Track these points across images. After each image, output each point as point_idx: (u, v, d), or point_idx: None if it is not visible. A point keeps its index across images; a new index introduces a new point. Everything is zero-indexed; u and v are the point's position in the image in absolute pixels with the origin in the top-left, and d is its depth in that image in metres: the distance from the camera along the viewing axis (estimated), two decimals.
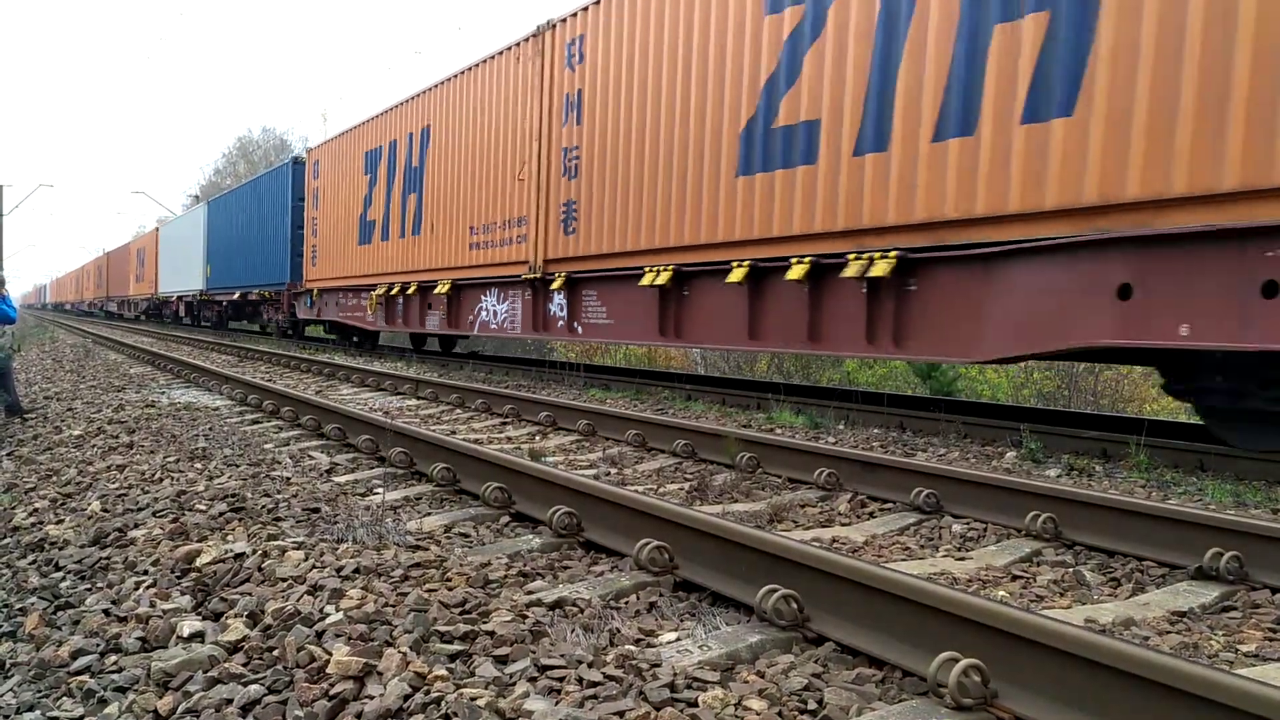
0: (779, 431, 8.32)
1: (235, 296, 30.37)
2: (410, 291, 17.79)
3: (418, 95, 18.00)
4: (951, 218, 7.86)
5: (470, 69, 15.91)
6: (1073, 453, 7.51)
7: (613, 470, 6.49)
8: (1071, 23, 7.01)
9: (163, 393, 11.38)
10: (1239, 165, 6.05)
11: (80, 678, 2.96)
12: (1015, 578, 4.07)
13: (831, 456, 6.01)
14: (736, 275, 9.95)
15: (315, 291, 23.42)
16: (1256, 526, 4.06)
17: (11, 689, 3.02)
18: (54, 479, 6.19)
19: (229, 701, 2.66)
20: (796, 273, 9.19)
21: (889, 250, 8.36)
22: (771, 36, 9.67)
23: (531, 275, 13.74)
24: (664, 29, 11.23)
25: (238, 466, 5.99)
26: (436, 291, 16.69)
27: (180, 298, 38.82)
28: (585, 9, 12.82)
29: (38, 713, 2.81)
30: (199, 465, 6.07)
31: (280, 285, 25.74)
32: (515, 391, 10.73)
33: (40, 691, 2.96)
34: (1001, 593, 3.81)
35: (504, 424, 9.03)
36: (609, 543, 4.17)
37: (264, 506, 4.75)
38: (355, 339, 23.84)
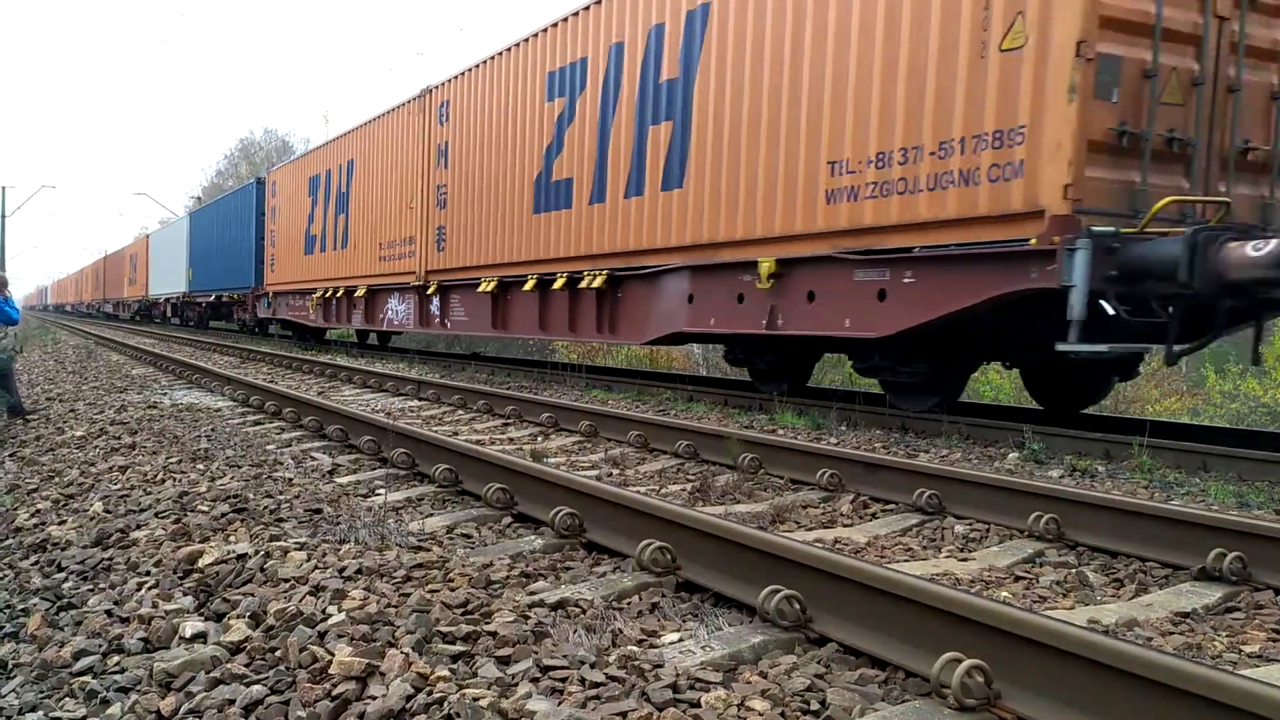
0: (781, 432, 8.32)
1: (212, 298, 34.34)
2: (339, 295, 22.12)
3: (348, 133, 22.43)
4: (634, 248, 11.86)
5: (382, 116, 20.28)
6: (1075, 454, 7.50)
7: (615, 471, 6.48)
8: (680, 128, 11.04)
9: (165, 394, 11.39)
10: (740, 225, 10.14)
11: (83, 678, 2.97)
12: (1018, 578, 4.07)
13: (834, 457, 6.00)
14: (529, 285, 14.17)
15: (271, 294, 27.41)
16: (1259, 527, 4.06)
17: (14, 689, 3.02)
18: (56, 480, 6.19)
19: (231, 702, 2.66)
20: (559, 284, 13.33)
21: (603, 270, 12.37)
22: (549, 117, 13.79)
23: (418, 283, 18.00)
24: (494, 102, 15.35)
25: (240, 467, 5.99)
26: (357, 294, 20.99)
27: (167, 299, 42.71)
28: (449, 81, 17.07)
29: (40, 713, 2.81)
30: (201, 466, 6.07)
31: (246, 289, 29.44)
32: (517, 393, 10.73)
33: (43, 692, 2.96)
34: (1004, 593, 3.81)
35: (506, 425, 9.03)
36: (611, 543, 4.17)
37: (266, 507, 4.75)
38: (306, 335, 27.05)
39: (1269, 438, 8.85)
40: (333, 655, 2.79)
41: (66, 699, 2.88)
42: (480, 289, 15.48)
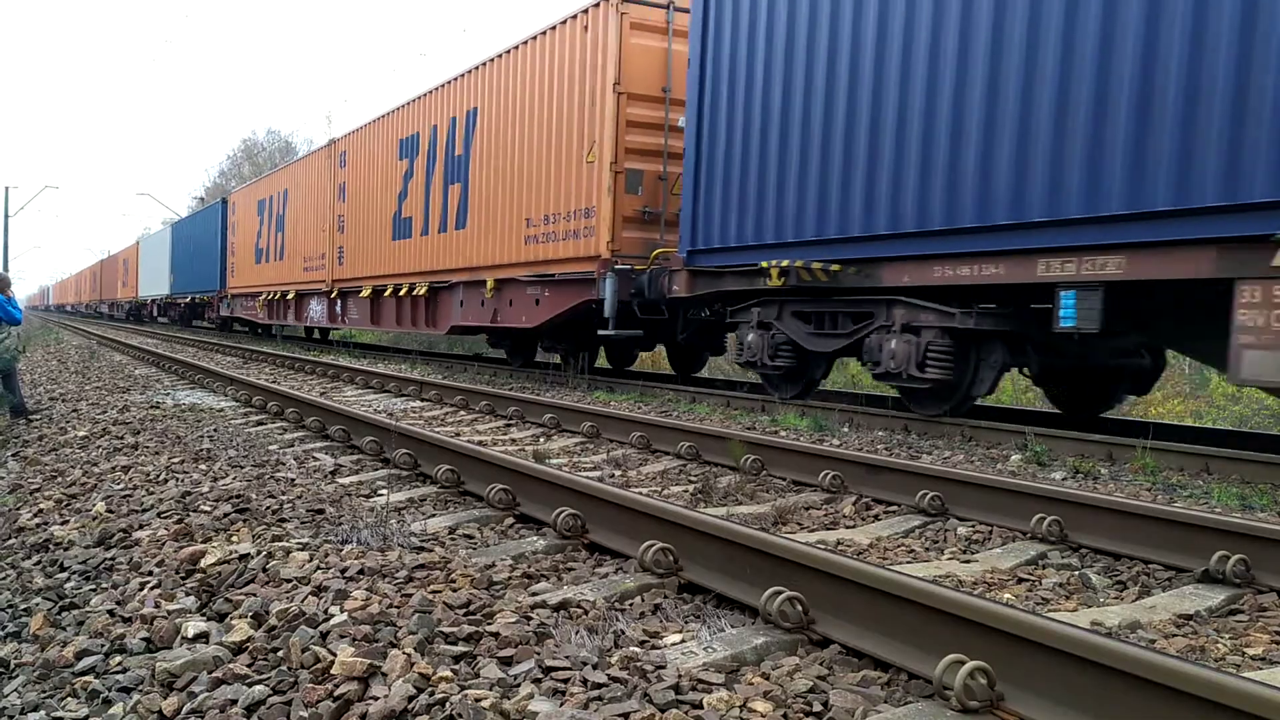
0: (783, 434, 8.32)
1: (189, 299, 40.25)
2: (278, 297, 27.89)
3: (284, 167, 30.23)
4: (452, 266, 17.31)
5: (305, 158, 27.76)
6: (1078, 456, 7.49)
7: (617, 472, 6.48)
8: (465, 187, 16.73)
9: (167, 394, 11.40)
10: (484, 256, 16.14)
11: (85, 678, 2.96)
12: (1021, 580, 4.06)
13: (836, 459, 6.00)
14: (388, 292, 20.02)
15: (230, 296, 33.52)
16: (1263, 530, 4.05)
17: (16, 689, 3.02)
18: (59, 480, 6.19)
19: (233, 702, 2.65)
20: (404, 291, 19.10)
21: (425, 283, 18.36)
22: (399, 172, 19.89)
23: (326, 289, 23.89)
24: (371, 156, 21.46)
25: (242, 468, 5.99)
26: (289, 297, 26.81)
27: (154, 300, 48.29)
28: (346, 135, 23.40)
29: (42, 713, 2.81)
30: (204, 466, 6.07)
31: (214, 291, 35.34)
32: (519, 394, 10.73)
33: (45, 692, 2.96)
34: (1007, 595, 3.80)
35: (508, 426, 9.03)
36: (613, 544, 4.17)
37: (269, 508, 4.75)
38: (258, 330, 34.01)
39: (1272, 440, 8.85)
40: (335, 655, 2.79)
41: (69, 699, 2.88)
42: (362, 294, 21.47)
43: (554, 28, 14.03)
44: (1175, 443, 7.69)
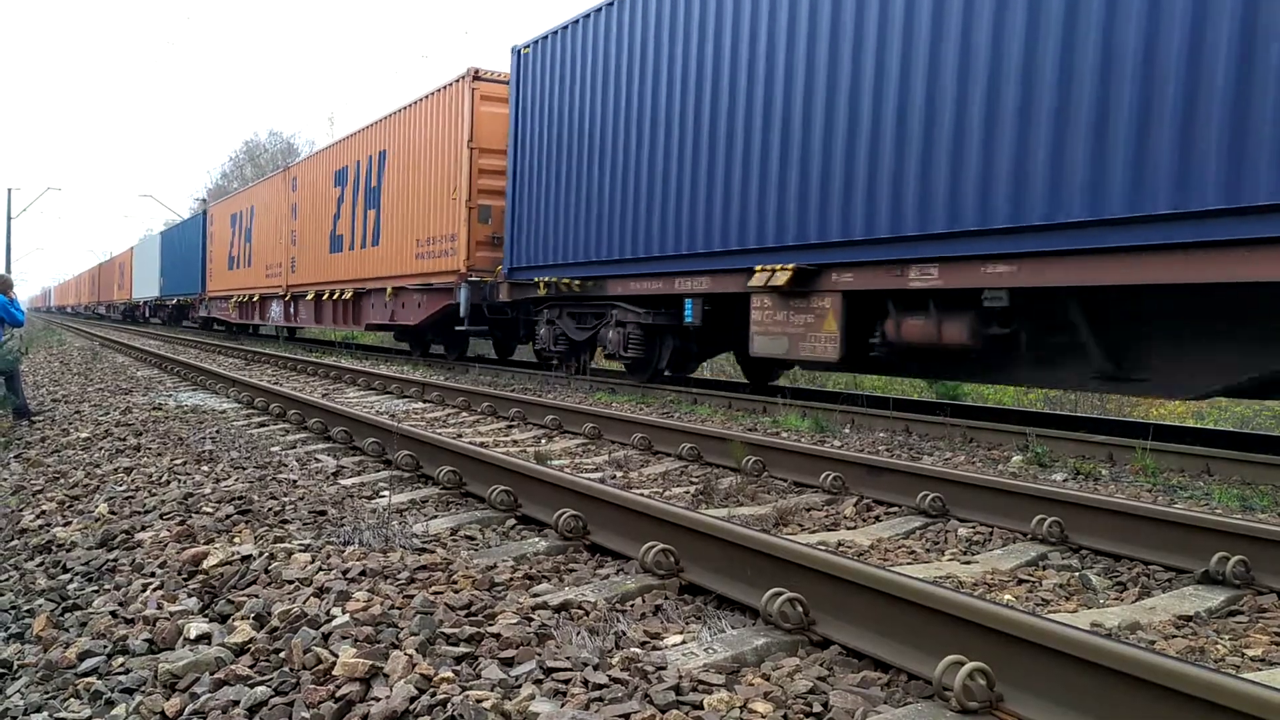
0: (784, 435, 8.32)
1: (175, 301, 44.25)
2: (245, 300, 32.26)
3: (252, 186, 35.08)
4: (368, 276, 21.58)
5: (267, 179, 31.87)
6: (1078, 457, 7.50)
7: (618, 473, 6.49)
8: (379, 212, 21.36)
9: (170, 395, 11.42)
10: (387, 268, 20.73)
11: (88, 679, 2.97)
12: (1021, 581, 4.07)
13: (837, 460, 6.01)
14: (326, 296, 24.18)
15: (209, 298, 37.79)
16: (1263, 531, 4.06)
17: (19, 690, 3.03)
18: (61, 481, 6.20)
19: (236, 703, 2.66)
20: (338, 295, 23.27)
21: (351, 289, 22.48)
22: (334, 197, 24.42)
23: (283, 293, 27.97)
24: (313, 183, 26.06)
25: (244, 469, 6.00)
26: (253, 300, 31.31)
27: (145, 302, 51.74)
28: (299, 163, 28.99)
29: (45, 714, 2.82)
30: (206, 468, 6.08)
31: (196, 294, 39.47)
32: (521, 395, 10.74)
33: (48, 693, 2.97)
34: (1007, 596, 3.81)
35: (510, 427, 9.04)
36: (615, 546, 4.17)
37: (271, 509, 4.76)
38: (232, 328, 37.93)
39: (1273, 441, 8.85)
40: (337, 657, 2.80)
41: (71, 700, 2.89)
42: (308, 298, 25.89)
43: (430, 95, 18.86)
44: (1176, 444, 7.69)
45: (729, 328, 12.52)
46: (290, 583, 3.54)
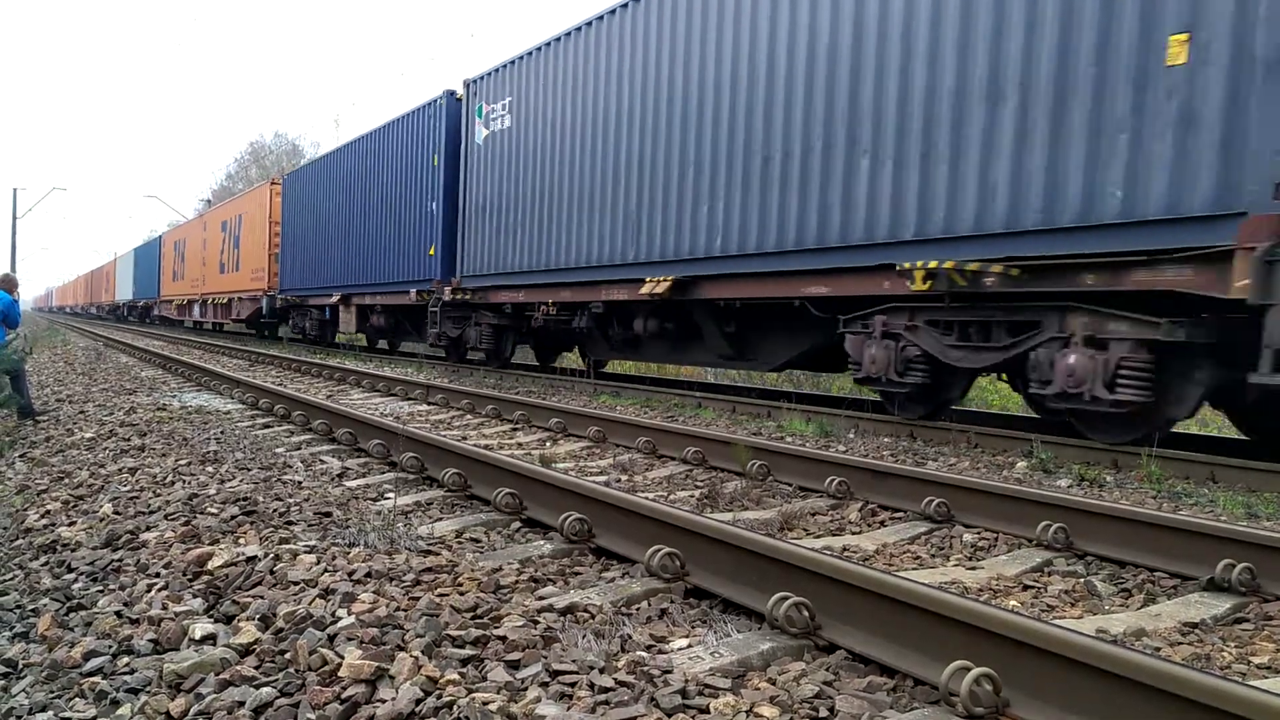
0: (789, 439, 8.32)
1: (142, 303, 55.49)
2: (181, 303, 41.60)
3: (184, 224, 47.45)
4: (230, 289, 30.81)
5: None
6: (1083, 463, 7.49)
7: (623, 477, 6.49)
8: (238, 249, 33.39)
9: (174, 396, 11.42)
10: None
11: (92, 679, 2.97)
12: (1026, 587, 4.06)
13: (842, 465, 6.00)
14: (216, 300, 35.26)
15: (159, 301, 48.88)
16: (1269, 538, 4.05)
17: (25, 690, 3.03)
18: (66, 481, 6.21)
19: (241, 704, 2.66)
20: (218, 300, 33.94)
21: (226, 296, 33.67)
22: (219, 239, 36.24)
23: (199, 299, 38.27)
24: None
25: (249, 470, 6.00)
26: (185, 302, 40.37)
27: (123, 304, 62.93)
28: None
29: (50, 713, 2.82)
30: (210, 469, 6.09)
31: (154, 297, 50.93)
32: (525, 398, 10.73)
33: (53, 692, 2.97)
34: (1012, 602, 3.80)
35: (515, 430, 9.04)
36: (620, 549, 4.17)
37: (275, 510, 4.76)
38: (171, 323, 47.37)
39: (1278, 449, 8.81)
40: (342, 658, 2.80)
41: (76, 699, 2.89)
42: (209, 301, 36.31)
43: (248, 193, 26.49)
44: (1181, 450, 7.68)
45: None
46: (295, 584, 3.54)
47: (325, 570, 3.67)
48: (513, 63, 16.21)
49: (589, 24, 14.08)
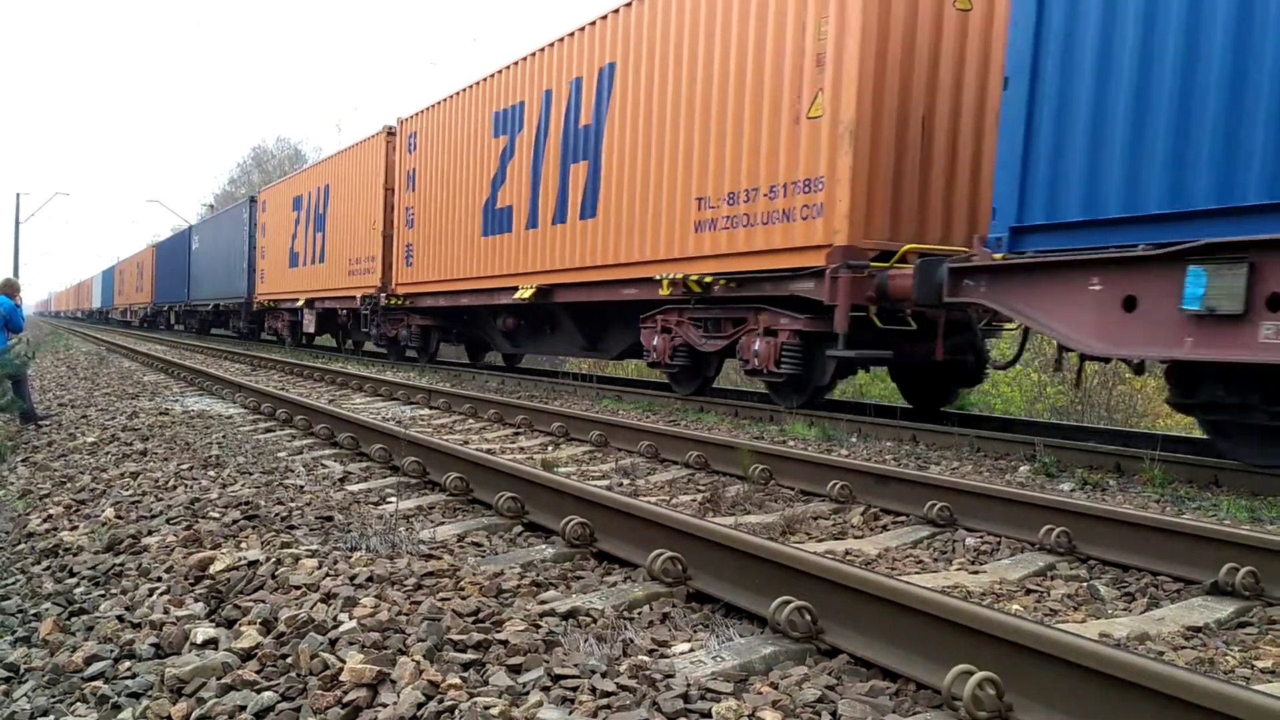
0: (792, 444, 8.31)
1: (106, 309, 72.27)
2: (133, 309, 53.67)
3: (136, 253, 59.08)
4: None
5: (140, 253, 56.95)
6: (1086, 467, 7.47)
7: (625, 481, 6.48)
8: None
9: (176, 400, 11.43)
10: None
11: (94, 683, 2.97)
12: (1029, 591, 4.06)
13: (844, 469, 6.00)
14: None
15: (115, 307, 61.01)
16: (1272, 542, 4.04)
17: (26, 694, 3.03)
18: (68, 485, 6.21)
19: (243, 708, 2.66)
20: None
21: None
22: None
23: (148, 308, 51.51)
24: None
25: (251, 474, 6.00)
26: (132, 308, 55.39)
27: (98, 309, 77.77)
28: (155, 244, 50.04)
29: (52, 717, 2.82)
30: (212, 473, 6.09)
31: (110, 307, 68.34)
32: (527, 402, 10.73)
33: (55, 697, 2.96)
34: (1015, 606, 3.80)
35: (516, 434, 9.04)
36: (622, 553, 4.17)
37: (277, 514, 4.76)
38: (132, 324, 57.24)
39: None
40: (344, 662, 2.79)
41: (78, 704, 2.89)
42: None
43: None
44: (1184, 454, 7.67)
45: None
46: (297, 588, 3.54)
47: (327, 574, 3.66)
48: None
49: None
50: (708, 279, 11.56)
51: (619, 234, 13.35)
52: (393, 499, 5.41)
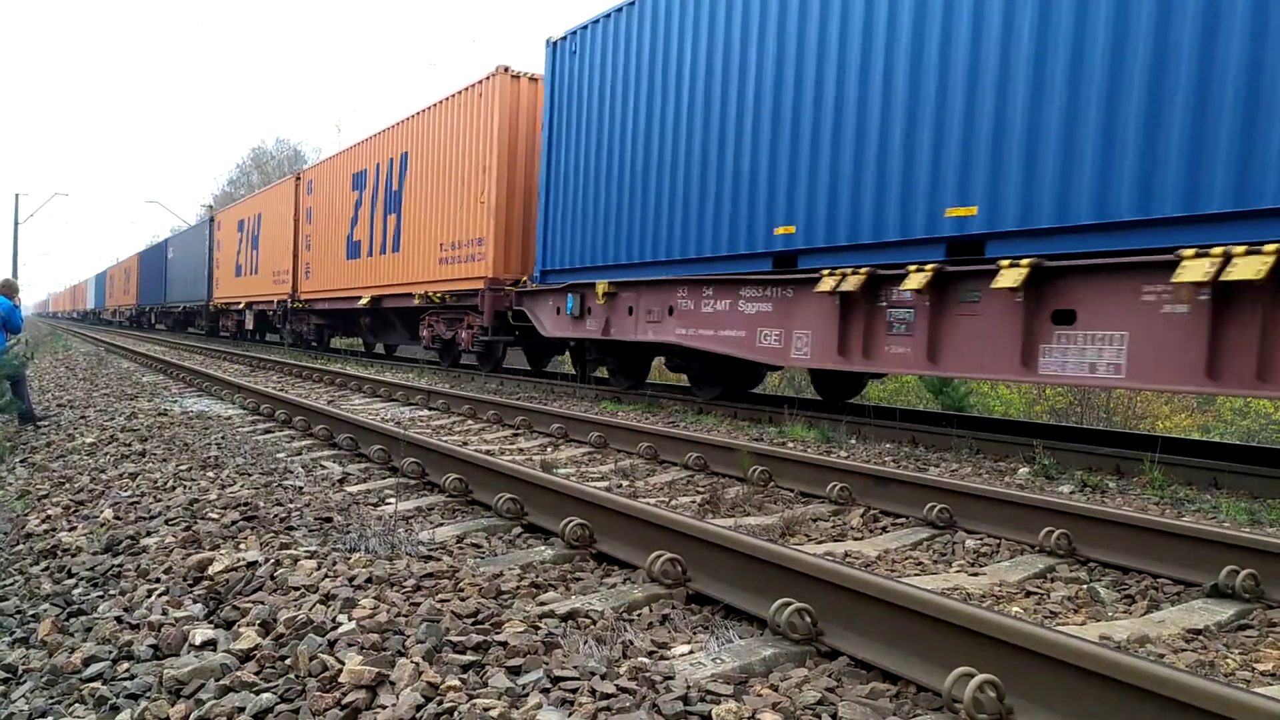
0: (791, 445, 8.30)
1: (97, 310, 77.99)
2: (119, 309, 61.57)
3: (112, 266, 73.22)
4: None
5: (114, 268, 70.39)
6: (1086, 469, 7.47)
7: (625, 482, 6.48)
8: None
9: (175, 401, 11.42)
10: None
11: (92, 684, 2.97)
12: (1029, 593, 4.05)
13: (844, 471, 5.99)
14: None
15: (105, 308, 70.19)
16: (1272, 545, 4.04)
17: (24, 695, 3.02)
18: (67, 486, 6.20)
19: (241, 710, 2.65)
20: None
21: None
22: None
23: (133, 309, 56.33)
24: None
25: (250, 475, 6.00)
26: (115, 309, 64.68)
27: (92, 310, 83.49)
28: (117, 265, 66.26)
29: (50, 719, 2.81)
30: (211, 474, 6.08)
31: (102, 309, 74.11)
32: (526, 403, 10.73)
33: (53, 698, 2.96)
34: (1015, 608, 3.79)
35: (516, 435, 9.03)
36: (621, 555, 4.16)
37: (276, 515, 4.75)
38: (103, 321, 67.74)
39: None
40: (343, 664, 2.79)
41: (76, 705, 2.88)
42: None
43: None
44: (1183, 457, 7.67)
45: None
46: (296, 589, 3.53)
47: (326, 576, 3.66)
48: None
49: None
50: (442, 292, 18.22)
51: (410, 263, 19.77)
52: (392, 500, 5.40)
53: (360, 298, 22.21)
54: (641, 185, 12.33)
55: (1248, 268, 6.07)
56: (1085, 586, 4.13)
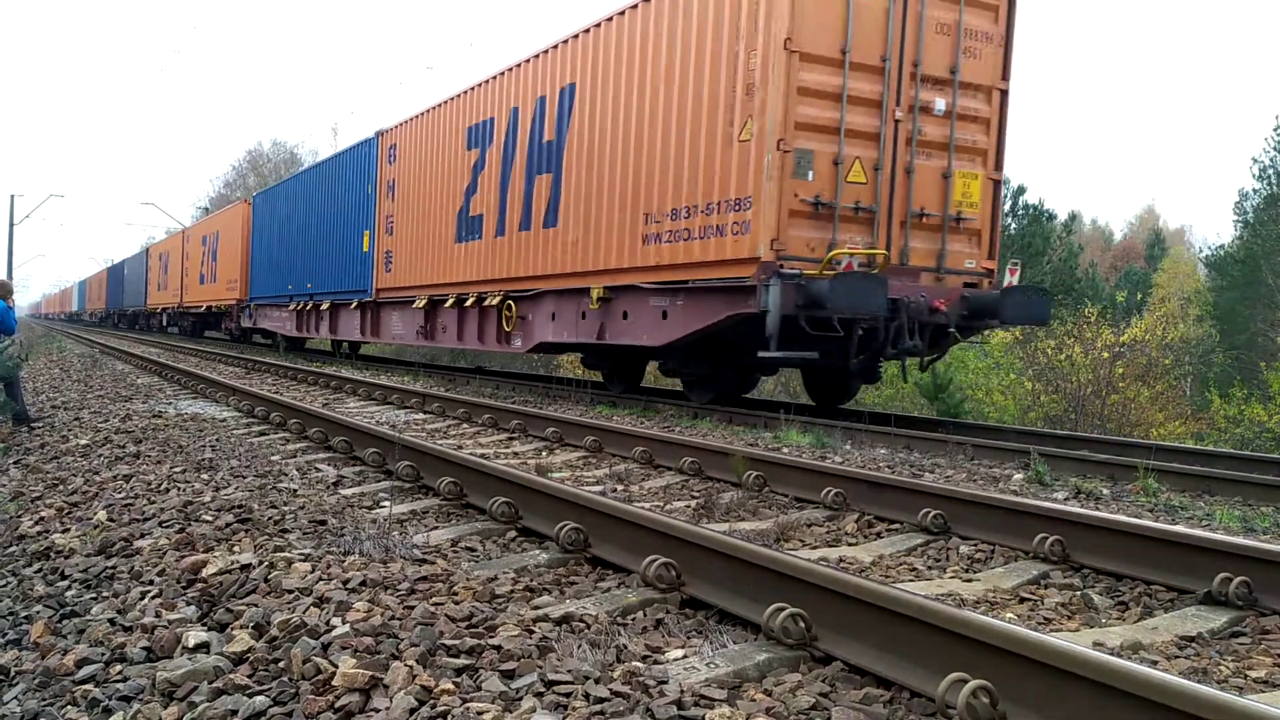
0: (786, 450, 8.30)
1: (80, 313, 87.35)
2: (93, 312, 74.98)
3: (89, 276, 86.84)
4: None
5: (94, 275, 78.86)
6: (1080, 476, 7.48)
7: (619, 487, 6.48)
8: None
9: (170, 403, 11.40)
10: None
11: (85, 686, 2.96)
12: (1023, 599, 4.06)
13: (839, 476, 5.99)
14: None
15: (85, 310, 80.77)
16: (1265, 552, 4.04)
17: (17, 697, 3.02)
18: (60, 488, 6.19)
19: (234, 713, 2.65)
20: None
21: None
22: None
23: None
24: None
25: (244, 478, 5.99)
26: (86, 312, 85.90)
27: (75, 312, 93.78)
28: (87, 280, 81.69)
29: None
30: (206, 476, 6.07)
31: (84, 308, 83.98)
32: (522, 407, 10.73)
33: (45, 699, 2.95)
34: (1009, 614, 3.80)
35: (511, 439, 9.03)
36: (616, 559, 4.16)
37: (271, 518, 4.75)
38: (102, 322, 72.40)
39: (1274, 463, 8.83)
40: (336, 667, 2.78)
41: (69, 707, 2.88)
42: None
43: None
44: (1177, 464, 7.69)
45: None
46: (290, 592, 3.53)
47: (320, 578, 3.65)
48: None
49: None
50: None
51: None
52: (386, 503, 5.40)
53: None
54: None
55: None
56: (1079, 593, 4.13)
